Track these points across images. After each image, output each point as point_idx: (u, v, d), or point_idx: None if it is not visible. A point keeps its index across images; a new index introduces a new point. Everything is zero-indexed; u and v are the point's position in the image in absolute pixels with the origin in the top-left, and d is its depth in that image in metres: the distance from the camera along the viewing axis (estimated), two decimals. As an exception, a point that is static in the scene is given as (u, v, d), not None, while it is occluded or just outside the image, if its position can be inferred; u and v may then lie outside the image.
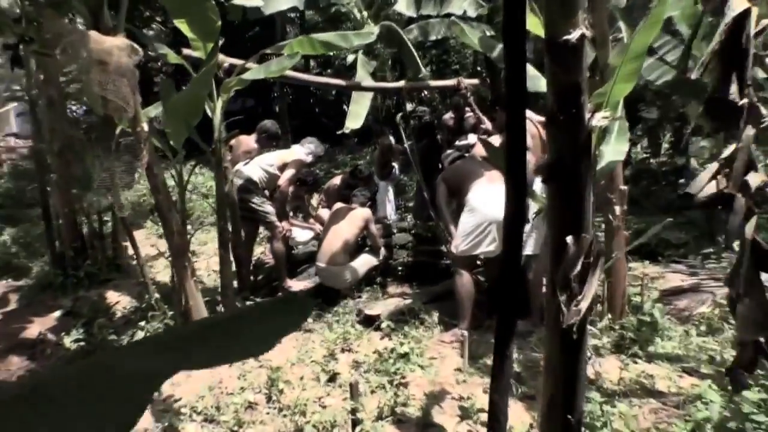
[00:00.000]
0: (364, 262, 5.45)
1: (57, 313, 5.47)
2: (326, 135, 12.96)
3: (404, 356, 4.36)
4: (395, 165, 8.19)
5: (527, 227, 4.83)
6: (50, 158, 5.92)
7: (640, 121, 11.30)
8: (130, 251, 7.38)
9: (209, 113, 4.56)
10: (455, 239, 4.79)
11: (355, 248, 5.42)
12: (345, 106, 15.40)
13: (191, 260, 4.62)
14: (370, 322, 4.94)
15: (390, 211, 8.04)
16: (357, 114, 6.05)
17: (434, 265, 6.95)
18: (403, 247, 7.27)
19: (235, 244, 5.25)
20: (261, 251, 7.01)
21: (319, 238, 6.70)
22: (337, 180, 7.27)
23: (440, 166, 7.73)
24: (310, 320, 4.97)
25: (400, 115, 5.70)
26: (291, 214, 6.99)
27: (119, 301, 5.64)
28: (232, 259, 5.41)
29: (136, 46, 3.96)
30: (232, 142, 6.42)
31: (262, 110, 16.99)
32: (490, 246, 4.66)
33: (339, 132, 5.50)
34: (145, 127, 4.09)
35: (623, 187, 4.84)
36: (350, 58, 8.15)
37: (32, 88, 6.01)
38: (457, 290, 4.76)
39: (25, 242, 7.29)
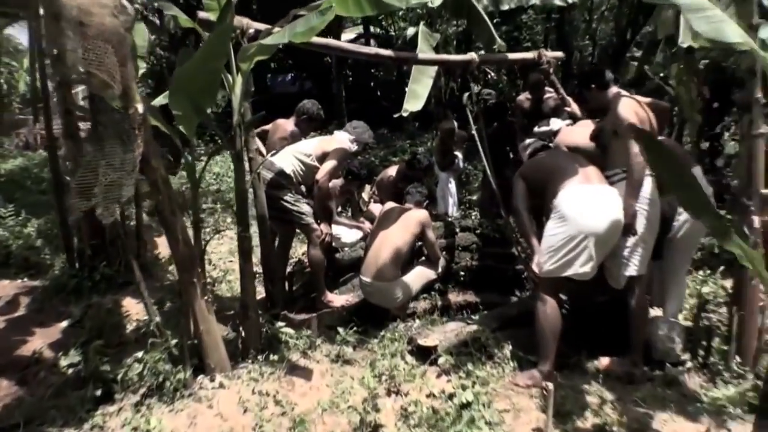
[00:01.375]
0: (418, 277, 4.40)
1: (64, 324, 4.68)
2: (385, 119, 11.94)
3: (467, 406, 3.30)
4: (458, 154, 7.06)
5: (630, 241, 3.65)
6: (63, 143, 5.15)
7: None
8: (158, 249, 6.66)
9: (228, 91, 3.57)
10: (538, 255, 3.66)
11: (408, 259, 4.37)
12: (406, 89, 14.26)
13: (203, 274, 3.68)
14: (424, 354, 3.89)
15: (452, 206, 6.94)
16: (416, 95, 4.95)
17: (503, 270, 5.81)
18: (466, 249, 6.19)
19: (266, 251, 4.28)
20: (303, 251, 6.05)
21: (367, 236, 5.69)
22: (392, 171, 6.21)
23: (511, 155, 6.55)
24: (349, 349, 3.96)
25: (467, 95, 4.56)
26: (339, 209, 5.98)
27: (129, 313, 4.79)
28: (259, 270, 4.46)
29: (125, 2, 3.00)
30: (268, 126, 5.46)
31: (320, 92, 16.06)
32: (585, 266, 3.52)
33: (396, 115, 4.42)
34: (140, 107, 3.14)
35: (765, 191, 3.60)
36: (410, 31, 7.03)
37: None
38: (539, 321, 3.64)
39: (51, 235, 6.57)
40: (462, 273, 5.97)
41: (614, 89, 3.94)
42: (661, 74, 7.47)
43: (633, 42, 10.61)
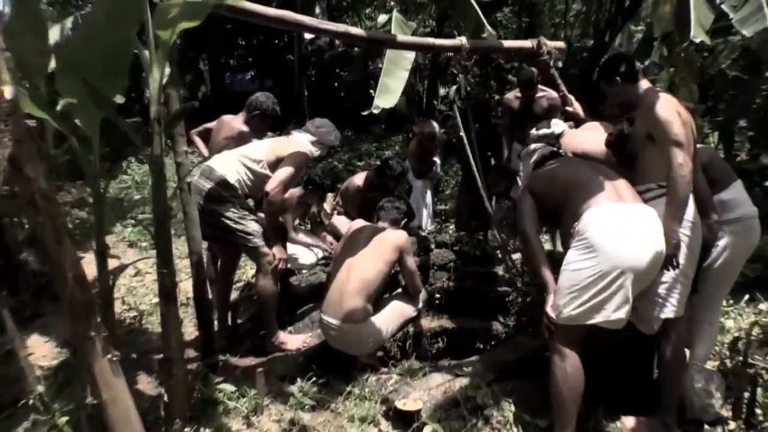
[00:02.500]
0: (394, 315, 3.45)
1: (-60, 373, 3.57)
2: (350, 120, 11.00)
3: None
4: (436, 159, 6.16)
5: (669, 276, 2.81)
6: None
7: (710, 112, 9.14)
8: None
9: (148, 74, 2.58)
10: (556, 295, 2.77)
11: (381, 292, 3.41)
12: (372, 91, 13.38)
13: (112, 320, 2.69)
14: (405, 421, 2.96)
15: (426, 219, 6.02)
16: (389, 89, 4.02)
17: (484, 293, 5.03)
18: (442, 268, 5.33)
19: (199, 283, 3.28)
20: (252, 274, 5.04)
21: (329, 259, 4.73)
22: (359, 178, 5.26)
23: (492, 161, 5.69)
24: (306, 415, 2.98)
25: (454, 89, 3.65)
26: (297, 222, 5.00)
27: (35, 355, 3.74)
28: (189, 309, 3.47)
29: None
30: (212, 124, 4.46)
31: (281, 92, 15.00)
32: (619, 311, 2.64)
33: (366, 112, 3.47)
34: (8, 92, 2.13)
35: None
36: (382, 18, 6.11)
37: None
38: (557, 383, 2.74)
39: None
40: (437, 295, 5.13)
41: (645, 83, 3.09)
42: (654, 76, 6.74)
43: (611, 44, 9.93)
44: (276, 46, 15.98)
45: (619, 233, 2.62)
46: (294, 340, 3.71)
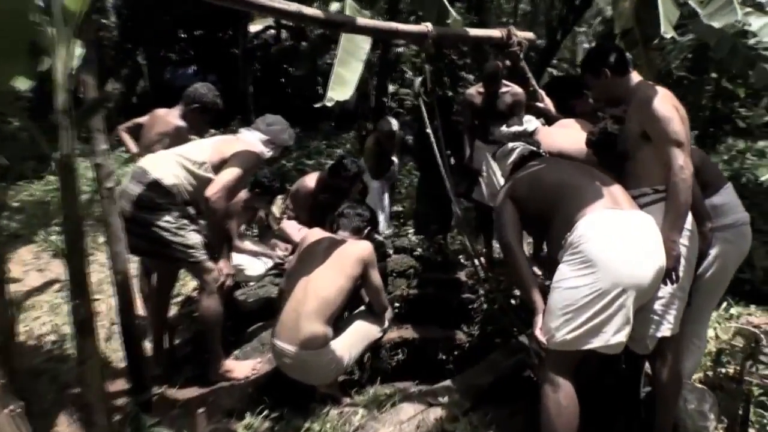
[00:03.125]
0: (357, 338, 2.99)
1: None
2: (298, 117, 10.43)
3: None
4: (394, 159, 5.75)
5: (666, 290, 2.47)
6: None
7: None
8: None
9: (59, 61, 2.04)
10: (546, 317, 2.38)
11: (342, 311, 2.94)
12: (320, 87, 12.82)
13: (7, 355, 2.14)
14: (372, 463, 2.52)
15: (383, 222, 5.60)
16: (343, 80, 3.55)
17: (447, 300, 4.78)
18: (402, 274, 4.97)
19: (125, 306, 2.74)
20: (194, 287, 4.49)
21: (281, 268, 4.25)
22: (310, 179, 4.79)
23: (452, 160, 5.32)
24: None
25: (419, 81, 3.22)
26: (243, 228, 4.49)
27: None
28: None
29: None
30: (143, 119, 3.90)
31: (226, 87, 14.26)
32: (619, 334, 2.27)
33: (318, 105, 2.99)
34: None
35: None
36: (334, 6, 5.62)
37: None
38: (549, 416, 2.36)
39: None
40: (397, 304, 4.76)
41: (636, 76, 2.75)
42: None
43: (562, 43, 9.75)
44: (219, 39, 15.22)
45: (620, 245, 2.25)
46: (242, 367, 3.21)
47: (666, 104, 2.48)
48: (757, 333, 3.95)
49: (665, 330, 2.53)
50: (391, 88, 13.10)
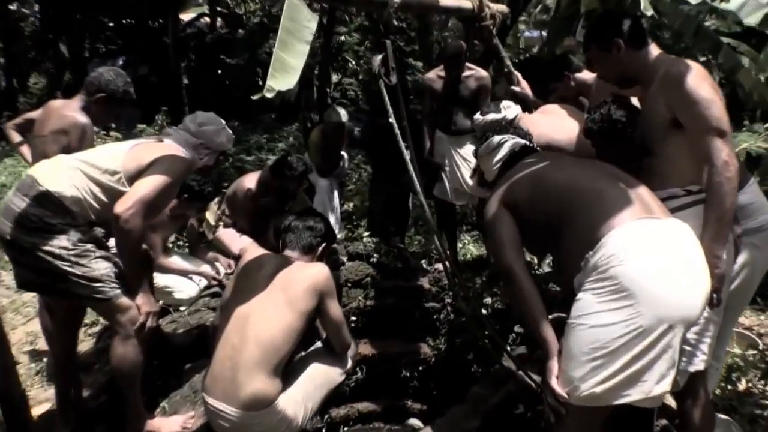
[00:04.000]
0: (315, 385, 2.28)
1: None
2: (235, 110, 9.59)
3: None
4: (344, 154, 5.07)
5: (702, 316, 1.92)
6: None
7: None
8: None
9: None
10: (566, 363, 1.78)
11: (293, 354, 2.24)
12: (260, 78, 11.91)
13: None
14: None
15: (334, 225, 4.92)
16: (286, 67, 2.83)
17: (408, 310, 4.26)
18: (358, 284, 4.35)
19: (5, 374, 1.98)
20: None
21: (218, 285, 3.53)
22: (250, 180, 4.07)
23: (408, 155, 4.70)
24: None
25: (378, 59, 2.55)
26: (172, 240, 3.73)
27: None
28: None
29: None
30: (36, 113, 3.09)
31: (159, 79, 13.15)
32: (663, 382, 1.69)
33: (257, 96, 2.26)
34: None
35: None
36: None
37: None
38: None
39: None
40: (353, 318, 4.16)
41: (656, 48, 2.17)
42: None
43: (513, 27, 9.24)
44: (150, 28, 14.03)
45: (663, 268, 1.68)
46: (169, 424, 2.48)
47: (704, 83, 1.93)
48: (753, 338, 3.54)
49: (699, 363, 2.01)
50: (334, 77, 12.36)
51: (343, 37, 12.40)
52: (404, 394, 4.55)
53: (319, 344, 2.47)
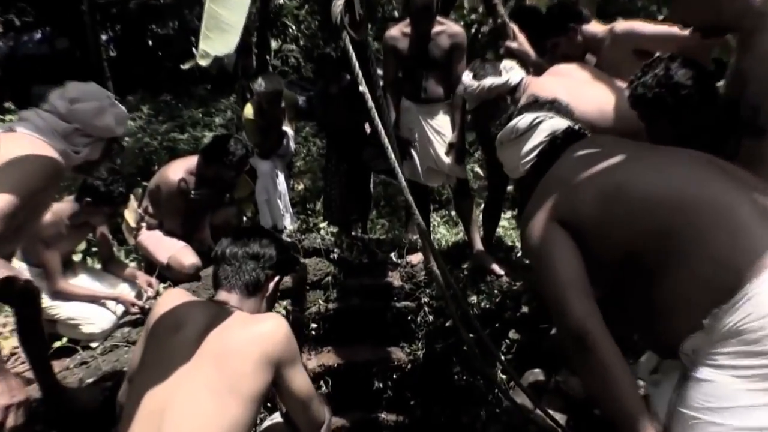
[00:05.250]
0: None
1: None
2: (167, 82, 8.46)
3: None
4: (288, 130, 4.21)
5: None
6: None
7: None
8: None
9: None
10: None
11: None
12: (194, 47, 10.64)
13: None
14: None
15: (284, 215, 4.10)
16: (222, 25, 1.99)
17: (377, 311, 3.65)
18: (317, 285, 3.60)
19: None
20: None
21: (140, 312, 2.68)
22: (177, 169, 3.18)
23: (368, 126, 3.89)
24: None
25: (341, 4, 1.74)
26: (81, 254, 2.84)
27: None
28: None
29: None
30: None
31: (81, 52, 11.63)
32: None
33: (187, 65, 1.40)
34: None
35: None
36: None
37: None
38: None
39: None
40: (313, 325, 3.45)
41: None
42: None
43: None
44: (65, -4, 12.40)
45: None
46: None
47: None
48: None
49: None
50: (273, 44, 11.26)
51: (281, 0, 11.28)
52: (377, 406, 3.86)
53: (277, 418, 1.68)
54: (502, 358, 3.04)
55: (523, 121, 1.49)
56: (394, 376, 3.76)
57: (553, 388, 2.23)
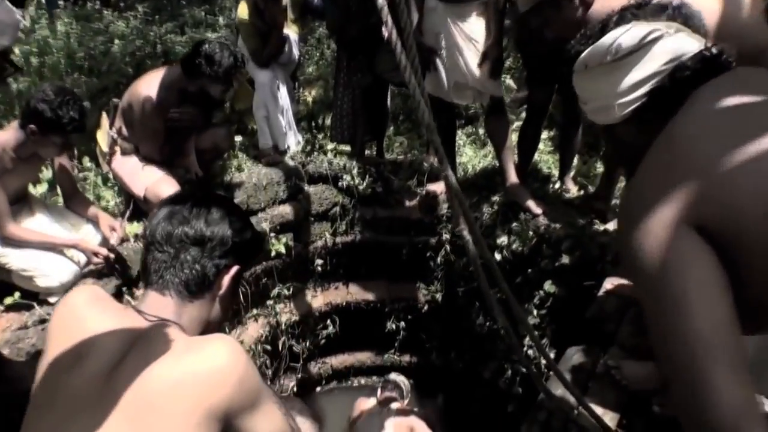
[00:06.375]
0: None
1: None
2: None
3: None
4: (290, 34, 3.54)
5: None
6: None
7: None
8: None
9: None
10: None
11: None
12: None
13: None
14: None
15: (287, 133, 3.53)
16: None
17: (392, 248, 3.26)
18: (323, 216, 3.13)
19: None
20: None
21: (105, 261, 2.24)
22: (149, 84, 2.61)
23: (384, 31, 3.19)
24: None
25: None
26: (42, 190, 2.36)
27: None
28: None
29: None
30: None
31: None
32: None
33: None
34: None
35: None
36: None
37: None
38: None
39: None
40: (319, 261, 3.03)
41: None
42: None
43: None
44: None
45: None
46: None
47: None
48: None
49: None
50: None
51: None
52: (389, 348, 3.50)
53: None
54: (533, 321, 2.58)
55: (628, 35, 0.88)
56: (409, 317, 3.37)
57: (602, 375, 1.76)
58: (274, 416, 1.01)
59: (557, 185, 3.07)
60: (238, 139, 3.54)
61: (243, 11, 3.19)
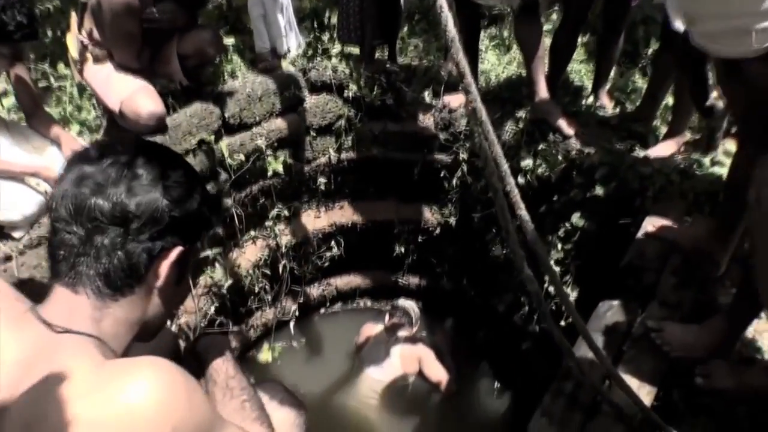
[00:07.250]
0: None
1: None
2: None
3: None
4: None
5: None
6: None
7: None
8: None
9: None
10: None
11: None
12: None
13: None
14: None
15: (288, 35, 3.09)
16: None
17: (403, 166, 2.94)
18: (326, 130, 2.91)
19: None
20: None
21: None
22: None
23: None
24: None
25: None
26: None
27: None
28: None
29: None
30: None
31: None
32: None
33: None
34: None
35: None
36: None
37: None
38: None
39: None
40: (322, 180, 2.74)
41: None
42: None
43: None
44: None
45: None
46: None
47: None
48: None
49: None
50: None
51: None
52: (396, 269, 3.28)
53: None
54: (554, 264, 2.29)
55: None
56: (420, 240, 3.10)
57: (639, 338, 1.49)
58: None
59: (590, 99, 2.67)
60: (231, 41, 3.11)
61: None
